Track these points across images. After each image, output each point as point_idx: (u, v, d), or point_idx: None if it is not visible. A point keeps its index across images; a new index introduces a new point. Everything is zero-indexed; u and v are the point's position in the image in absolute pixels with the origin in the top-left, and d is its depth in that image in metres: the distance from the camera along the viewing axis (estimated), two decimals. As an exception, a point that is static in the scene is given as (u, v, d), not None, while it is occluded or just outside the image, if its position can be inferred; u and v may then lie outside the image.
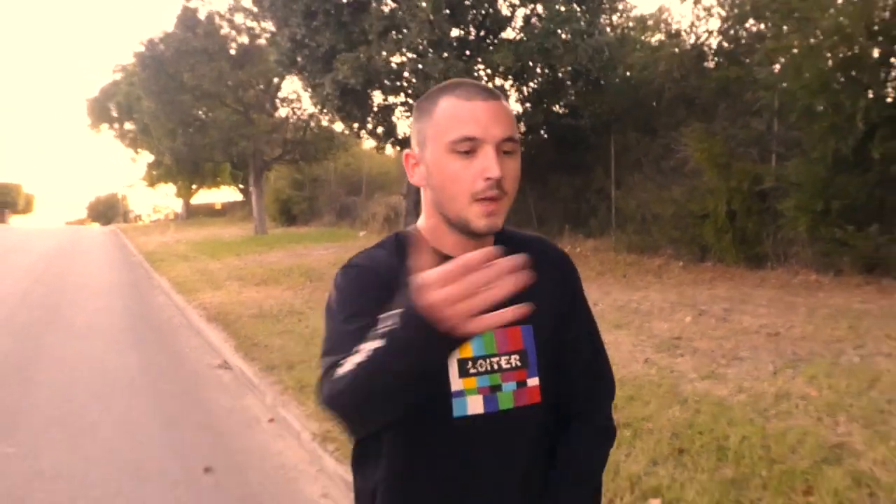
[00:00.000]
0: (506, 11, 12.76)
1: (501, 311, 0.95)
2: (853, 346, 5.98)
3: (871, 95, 8.19)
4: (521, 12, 13.00)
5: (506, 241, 1.35)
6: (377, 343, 1.01)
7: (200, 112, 27.13)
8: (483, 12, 12.70)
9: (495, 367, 1.32)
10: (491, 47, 12.48)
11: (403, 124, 14.38)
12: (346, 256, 6.35)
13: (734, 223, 10.14)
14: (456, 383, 1.29)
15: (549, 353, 1.38)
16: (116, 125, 44.35)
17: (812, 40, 8.55)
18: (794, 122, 9.10)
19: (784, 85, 9.03)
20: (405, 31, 11.64)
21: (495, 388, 1.31)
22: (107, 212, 79.79)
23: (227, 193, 51.37)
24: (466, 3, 11.95)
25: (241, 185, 41.31)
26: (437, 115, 1.29)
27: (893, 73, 8.60)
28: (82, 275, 17.10)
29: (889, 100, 8.72)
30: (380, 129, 13.94)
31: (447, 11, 11.79)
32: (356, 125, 13.97)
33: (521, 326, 1.34)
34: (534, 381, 1.35)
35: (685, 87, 11.50)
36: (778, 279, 9.55)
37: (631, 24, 14.18)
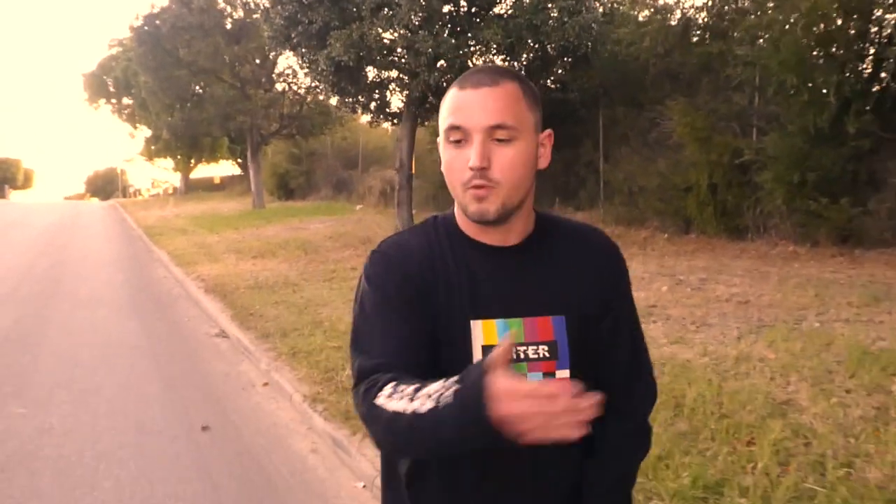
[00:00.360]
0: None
1: (564, 432, 0.95)
2: (816, 312, 6.32)
3: (846, 73, 8.45)
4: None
5: (549, 227, 1.40)
6: (430, 404, 1.02)
7: (198, 87, 27.31)
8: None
9: (521, 356, 1.31)
10: (482, 23, 12.69)
11: (396, 99, 14.63)
12: (343, 230, 6.86)
13: (715, 196, 10.47)
14: None
15: (583, 345, 1.35)
16: (114, 100, 44.34)
17: (791, 18, 8.79)
18: (773, 96, 9.37)
19: (763, 61, 9.29)
20: (397, 7, 11.84)
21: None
22: (105, 186, 79.84)
23: (225, 168, 51.46)
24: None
25: (239, 160, 41.42)
26: (442, 106, 1.32)
27: (868, 50, 8.85)
28: (84, 248, 17.42)
29: (866, 75, 8.99)
30: (373, 105, 14.16)
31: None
32: (350, 100, 14.21)
33: (552, 317, 1.33)
34: (563, 373, 1.33)
35: (669, 63, 11.73)
36: (757, 250, 9.87)
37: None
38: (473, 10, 12.87)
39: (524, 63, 13.27)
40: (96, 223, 27.36)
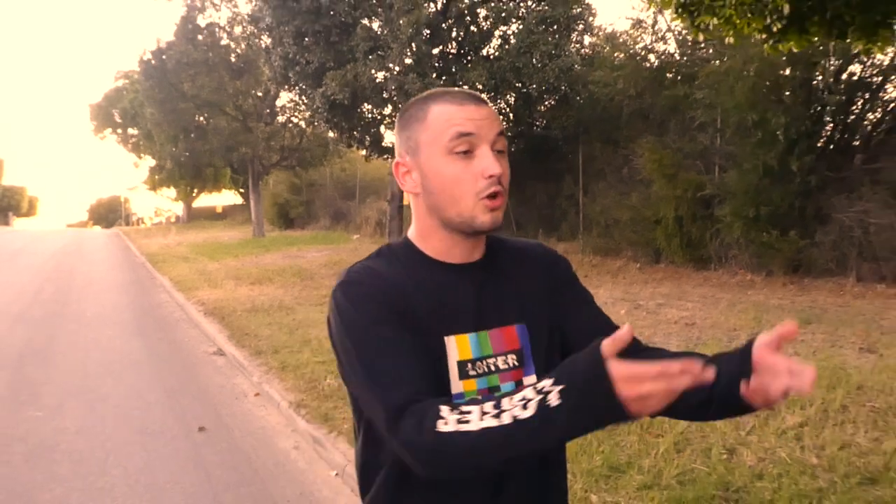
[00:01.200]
0: (485, 27, 13.88)
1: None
2: (749, 331, 7.02)
3: (793, 117, 9.26)
4: (498, 31, 14.13)
5: (498, 246, 1.45)
6: (527, 413, 1.03)
7: (202, 118, 28.26)
8: (462, 32, 13.80)
9: (492, 367, 1.32)
10: (469, 65, 13.55)
11: (389, 135, 15.45)
12: (337, 258, 7.98)
13: (681, 228, 11.23)
14: (456, 386, 1.29)
15: (544, 351, 1.38)
16: (120, 130, 45.27)
17: (746, 66, 9.61)
18: (731, 137, 10.17)
19: (721, 104, 10.11)
20: (388, 49, 12.70)
21: (493, 390, 1.31)
22: (108, 215, 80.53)
23: (228, 197, 52.38)
24: (444, 26, 13.04)
25: (241, 190, 42.24)
26: (431, 120, 1.31)
27: (812, 97, 9.67)
28: (89, 274, 18.15)
29: (811, 120, 9.81)
30: (367, 140, 14.99)
31: (427, 32, 12.90)
32: (345, 136, 15.05)
33: (515, 325, 1.36)
34: (530, 380, 1.34)
35: (641, 104, 12.57)
36: (718, 279, 10.61)
37: (602, 42, 15.24)
38: (462, 52, 13.73)
39: (510, 102, 14.12)
40: (100, 250, 28.12)
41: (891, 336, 6.68)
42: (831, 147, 9.58)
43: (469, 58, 13.76)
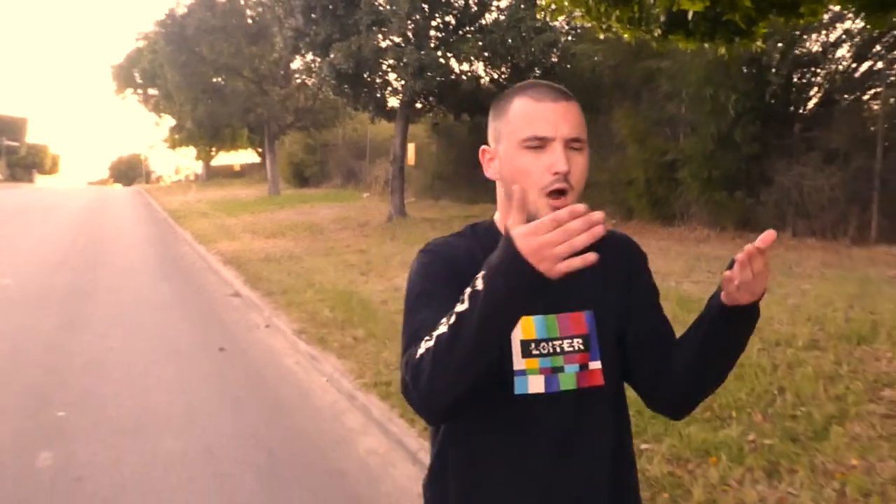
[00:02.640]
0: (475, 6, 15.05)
1: (583, 255, 1.02)
2: (679, 277, 8.31)
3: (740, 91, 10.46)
4: (494, 4, 15.28)
5: None
6: (460, 307, 1.11)
7: (220, 80, 29.48)
8: (459, 3, 14.96)
9: (557, 349, 1.36)
10: (467, 36, 14.73)
11: (393, 100, 16.67)
12: (346, 214, 10.13)
13: (650, 188, 12.47)
14: (518, 363, 1.34)
15: (611, 338, 1.41)
16: (140, 91, 46.37)
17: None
18: (690, 107, 11.37)
19: (682, 76, 11.30)
20: (390, 23, 13.90)
21: (557, 370, 1.35)
22: (129, 172, 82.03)
23: (246, 156, 53.58)
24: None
25: (258, 149, 43.43)
26: (511, 114, 1.36)
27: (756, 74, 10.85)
28: (116, 229, 19.64)
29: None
30: (371, 105, 16.22)
31: (425, 6, 14.09)
32: (351, 101, 16.32)
33: (584, 312, 1.39)
34: (595, 365, 1.38)
35: (619, 75, 13.73)
36: (680, 234, 11.87)
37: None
38: (459, 23, 14.89)
39: (503, 73, 15.30)
40: (124, 207, 29.65)
41: (795, 279, 7.95)
42: (774, 118, 10.76)
43: (464, 30, 14.91)
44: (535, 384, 1.35)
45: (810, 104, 11.22)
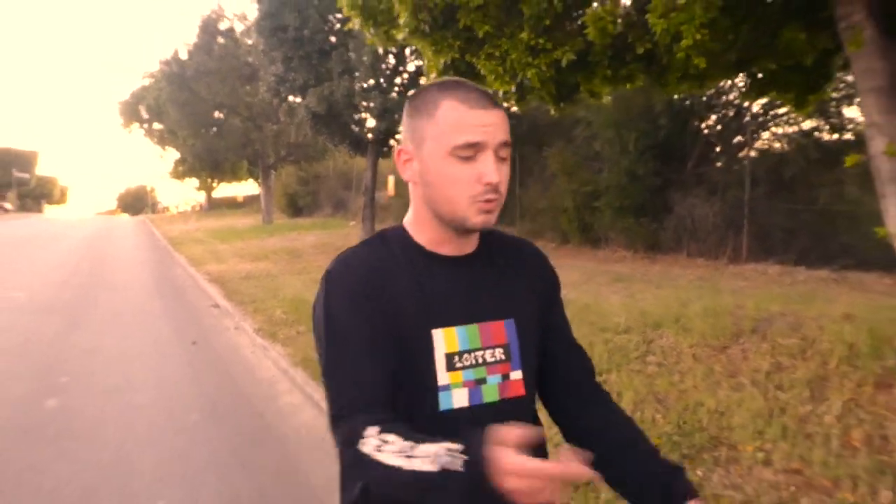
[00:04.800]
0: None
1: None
2: (575, 287, 10.06)
3: (638, 132, 12.36)
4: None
5: (492, 240, 1.49)
6: (433, 467, 1.07)
7: (219, 114, 31.58)
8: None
9: (480, 360, 1.36)
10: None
11: (362, 138, 18.57)
12: (327, 241, 12.94)
13: (579, 215, 14.29)
14: (443, 377, 1.32)
15: (531, 347, 1.43)
16: (146, 125, 48.59)
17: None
18: (604, 145, 13.27)
19: (594, 121, 13.23)
20: (357, 72, 15.86)
21: (480, 382, 1.35)
22: (135, 203, 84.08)
23: (247, 187, 55.70)
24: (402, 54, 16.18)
25: (258, 181, 45.52)
26: (440, 117, 1.31)
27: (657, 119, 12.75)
28: (118, 254, 21.50)
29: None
30: (346, 142, 18.15)
31: (392, 60, 16.07)
32: (327, 139, 18.29)
33: (504, 320, 1.40)
34: (517, 375, 1.39)
35: (552, 117, 15.61)
36: (604, 256, 13.65)
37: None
38: (418, 72, 16.83)
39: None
40: (128, 235, 31.58)
41: (662, 289, 9.71)
42: (672, 156, 12.63)
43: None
44: (460, 398, 1.33)
45: (696, 146, 13.09)
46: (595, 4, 5.49)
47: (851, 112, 11.36)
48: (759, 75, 6.41)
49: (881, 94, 5.15)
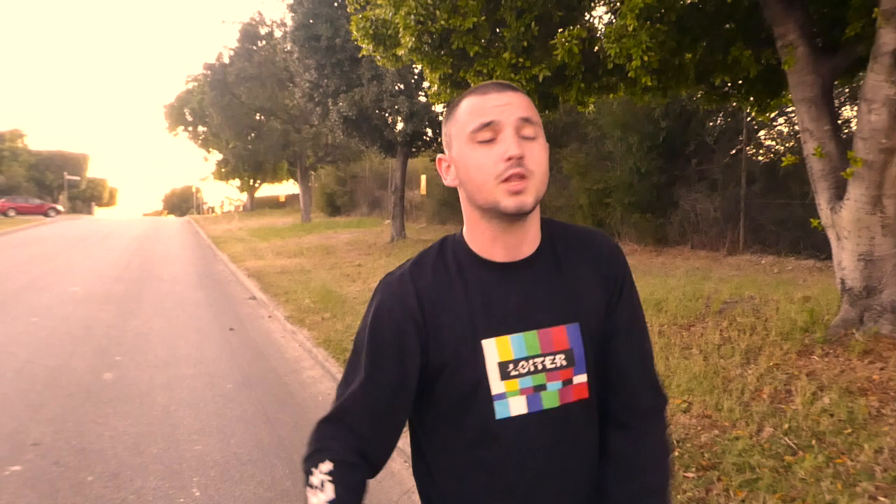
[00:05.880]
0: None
1: None
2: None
3: (642, 133, 13.14)
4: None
5: (555, 235, 1.43)
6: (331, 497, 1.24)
7: (260, 118, 32.90)
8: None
9: (539, 367, 1.33)
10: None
11: (391, 140, 19.57)
12: (360, 238, 14.74)
13: (593, 212, 15.09)
14: (497, 386, 1.31)
15: (599, 348, 1.38)
16: (190, 128, 50.19)
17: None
18: (613, 145, 14.07)
19: (602, 122, 14.05)
20: (384, 78, 16.85)
21: (539, 388, 1.33)
22: (181, 204, 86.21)
23: (289, 187, 57.14)
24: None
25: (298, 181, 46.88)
26: (458, 114, 1.35)
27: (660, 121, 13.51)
28: (165, 252, 22.77)
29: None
30: (375, 144, 19.16)
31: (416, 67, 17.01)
32: (357, 141, 19.32)
33: (566, 326, 1.35)
34: (581, 378, 1.36)
35: (571, 119, 16.46)
36: (616, 249, 14.42)
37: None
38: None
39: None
40: (174, 235, 32.99)
41: (666, 277, 10.50)
42: (677, 154, 13.39)
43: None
44: (517, 406, 1.31)
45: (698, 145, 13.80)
46: (564, 30, 6.36)
47: (846, 113, 12.03)
48: (721, 85, 7.21)
49: (811, 104, 5.97)
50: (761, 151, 13.30)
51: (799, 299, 7.38)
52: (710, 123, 13.38)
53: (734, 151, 13.17)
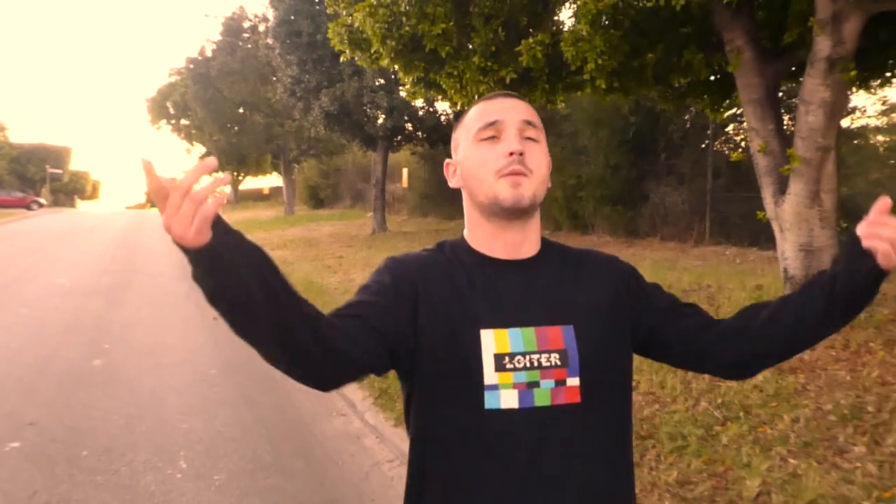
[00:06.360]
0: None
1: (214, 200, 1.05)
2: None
3: (611, 128, 13.59)
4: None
5: (553, 248, 1.51)
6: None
7: (242, 111, 33.10)
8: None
9: (535, 363, 1.34)
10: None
11: (372, 134, 19.91)
12: (342, 231, 15.33)
13: (568, 204, 15.54)
14: (491, 377, 1.32)
15: (593, 353, 1.38)
16: (173, 121, 50.22)
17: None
18: (587, 139, 14.52)
19: (576, 116, 14.48)
20: (365, 73, 17.20)
21: (532, 385, 1.33)
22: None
23: (273, 180, 57.27)
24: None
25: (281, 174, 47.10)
26: (467, 119, 1.45)
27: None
28: (150, 244, 23.00)
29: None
30: (357, 139, 19.52)
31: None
32: (339, 135, 19.67)
33: (561, 326, 1.37)
34: (574, 381, 1.35)
35: (546, 115, 16.86)
36: (591, 241, 14.86)
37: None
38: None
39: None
40: (158, 227, 32.95)
41: (638, 268, 10.91)
42: (647, 149, 13.85)
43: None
44: (509, 399, 1.32)
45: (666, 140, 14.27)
46: (529, 35, 6.76)
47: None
48: (679, 86, 7.65)
49: (757, 105, 6.41)
50: (730, 146, 13.72)
51: (751, 287, 7.83)
52: (678, 120, 13.82)
53: (703, 146, 13.62)
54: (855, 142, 12.30)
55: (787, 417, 4.23)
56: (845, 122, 11.85)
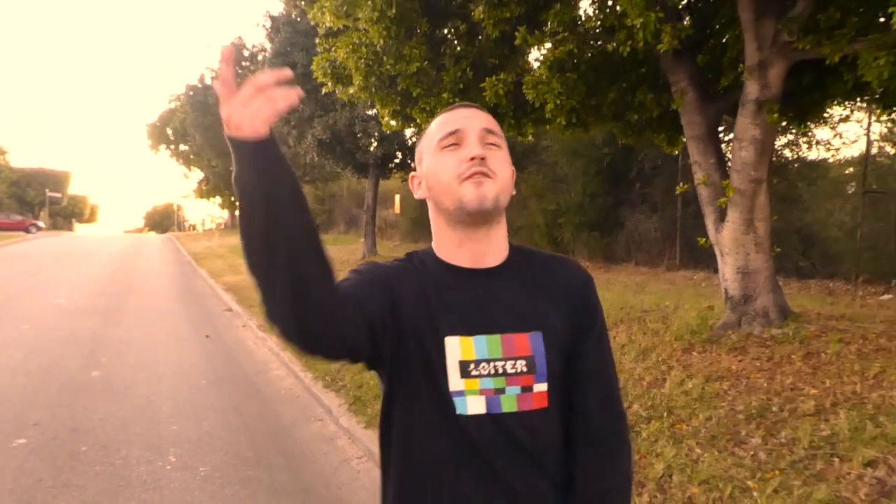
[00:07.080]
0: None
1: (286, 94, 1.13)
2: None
3: (587, 159, 14.30)
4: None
5: (523, 254, 1.53)
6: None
7: (240, 138, 33.68)
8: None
9: (500, 370, 1.36)
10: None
11: (364, 161, 20.58)
12: (336, 256, 16.32)
13: (549, 231, 16.19)
14: (456, 384, 1.35)
15: (559, 360, 1.40)
16: (172, 146, 51.05)
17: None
18: (567, 169, 15.20)
19: (556, 146, 15.19)
20: (356, 103, 17.89)
21: (499, 391, 1.35)
22: (163, 221, 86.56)
23: (270, 205, 57.58)
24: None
25: (278, 199, 47.63)
26: (429, 130, 1.48)
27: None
28: (146, 268, 23.61)
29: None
30: (349, 166, 20.19)
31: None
32: (332, 163, 20.35)
33: (528, 333, 1.39)
34: (541, 387, 1.37)
35: (528, 145, 17.59)
36: (570, 266, 15.48)
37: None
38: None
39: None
40: (155, 251, 33.77)
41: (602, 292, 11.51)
42: (622, 179, 14.56)
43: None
44: (475, 405, 1.34)
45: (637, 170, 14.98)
46: (494, 75, 7.43)
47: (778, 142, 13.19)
48: (636, 122, 8.31)
49: (699, 141, 7.06)
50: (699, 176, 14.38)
51: (704, 308, 8.43)
52: (650, 151, 14.51)
53: (678, 176, 14.30)
54: (813, 175, 12.98)
55: (702, 416, 4.82)
56: (809, 154, 12.58)
